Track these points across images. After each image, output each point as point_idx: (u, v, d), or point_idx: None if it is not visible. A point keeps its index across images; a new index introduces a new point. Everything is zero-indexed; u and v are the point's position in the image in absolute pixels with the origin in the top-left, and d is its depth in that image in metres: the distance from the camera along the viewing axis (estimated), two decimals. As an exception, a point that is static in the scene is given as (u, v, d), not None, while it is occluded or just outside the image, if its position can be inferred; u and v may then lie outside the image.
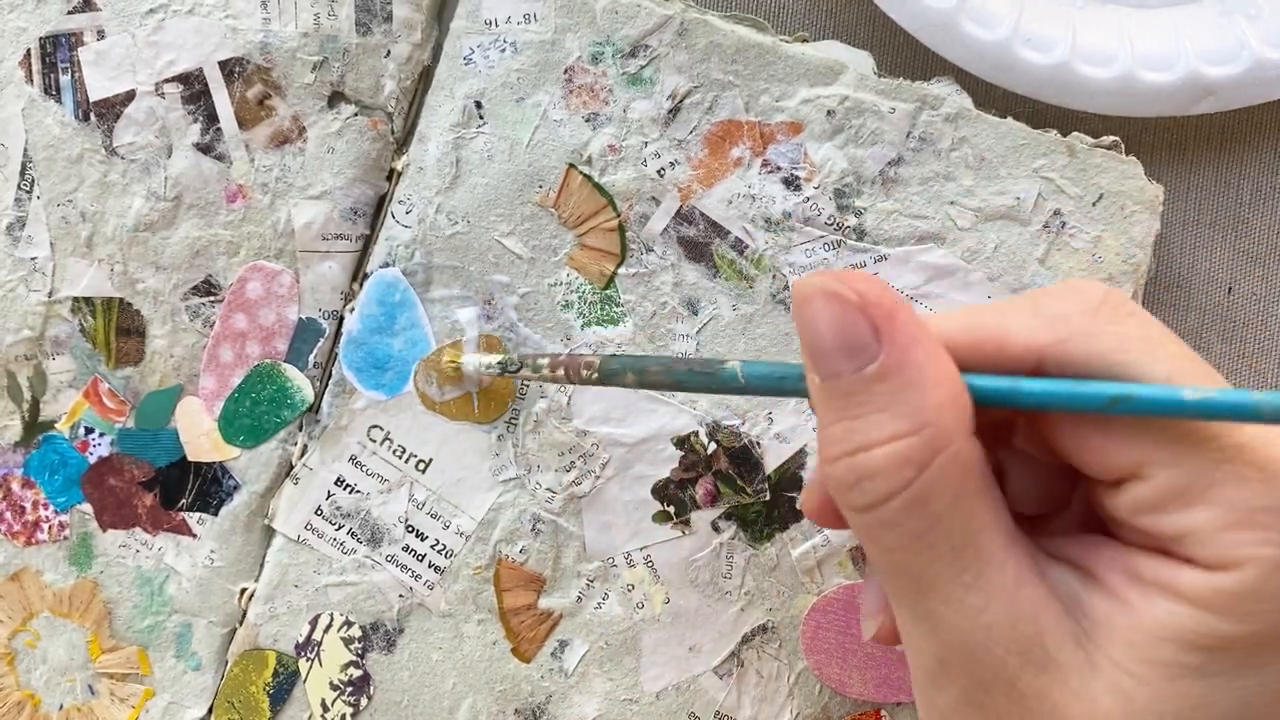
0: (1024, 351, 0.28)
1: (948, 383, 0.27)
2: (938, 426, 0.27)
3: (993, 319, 0.29)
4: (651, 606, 0.44)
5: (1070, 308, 0.28)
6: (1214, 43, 0.43)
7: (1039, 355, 0.28)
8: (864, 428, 0.28)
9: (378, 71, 0.44)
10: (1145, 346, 0.27)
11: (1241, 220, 0.46)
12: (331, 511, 0.45)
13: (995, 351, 0.29)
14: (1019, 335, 0.28)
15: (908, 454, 0.27)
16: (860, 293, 0.28)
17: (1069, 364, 0.28)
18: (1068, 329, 0.28)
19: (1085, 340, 0.28)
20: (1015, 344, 0.28)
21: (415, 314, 0.44)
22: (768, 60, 0.43)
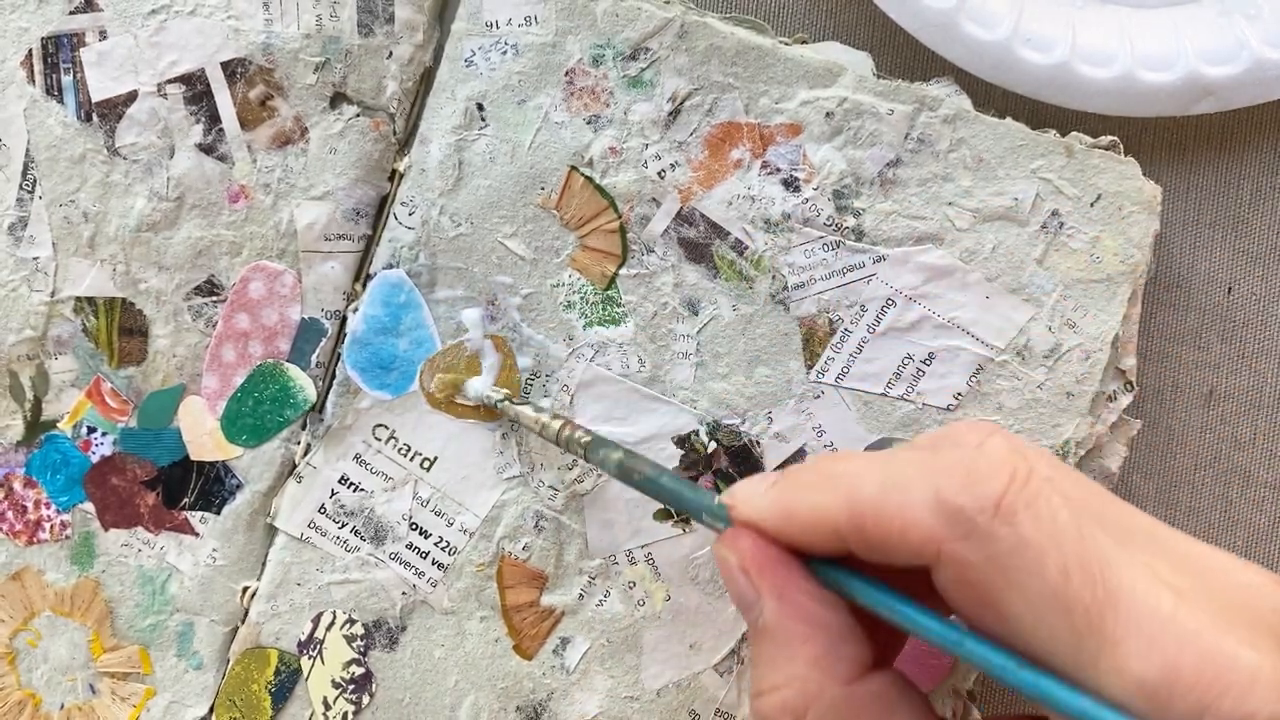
0: (922, 544, 0.28)
1: (821, 634, 0.30)
2: (807, 680, 0.30)
3: (897, 502, 0.29)
4: (652, 604, 0.44)
5: (970, 501, 0.28)
6: (1214, 43, 0.43)
7: (936, 551, 0.28)
8: (758, 674, 0.31)
9: (380, 73, 0.44)
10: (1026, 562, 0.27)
11: (1241, 220, 0.46)
12: (335, 509, 0.45)
13: (899, 537, 0.29)
14: (920, 527, 0.28)
15: (782, 704, 0.30)
16: (739, 554, 0.32)
17: (961, 565, 0.28)
18: (964, 529, 0.28)
19: (980, 542, 0.28)
20: (916, 533, 0.28)
21: (420, 315, 0.44)
22: (767, 62, 0.43)
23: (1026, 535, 0.27)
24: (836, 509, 0.30)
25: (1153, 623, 0.26)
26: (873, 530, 0.29)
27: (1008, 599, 0.27)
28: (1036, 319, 0.42)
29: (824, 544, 0.31)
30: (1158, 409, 0.46)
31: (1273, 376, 0.46)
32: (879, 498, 0.29)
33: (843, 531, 0.30)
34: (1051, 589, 0.27)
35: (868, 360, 0.43)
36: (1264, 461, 0.46)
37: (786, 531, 0.31)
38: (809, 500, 0.31)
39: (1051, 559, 0.27)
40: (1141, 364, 0.45)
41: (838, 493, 0.30)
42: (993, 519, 0.28)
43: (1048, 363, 0.42)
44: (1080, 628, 0.27)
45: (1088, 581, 0.27)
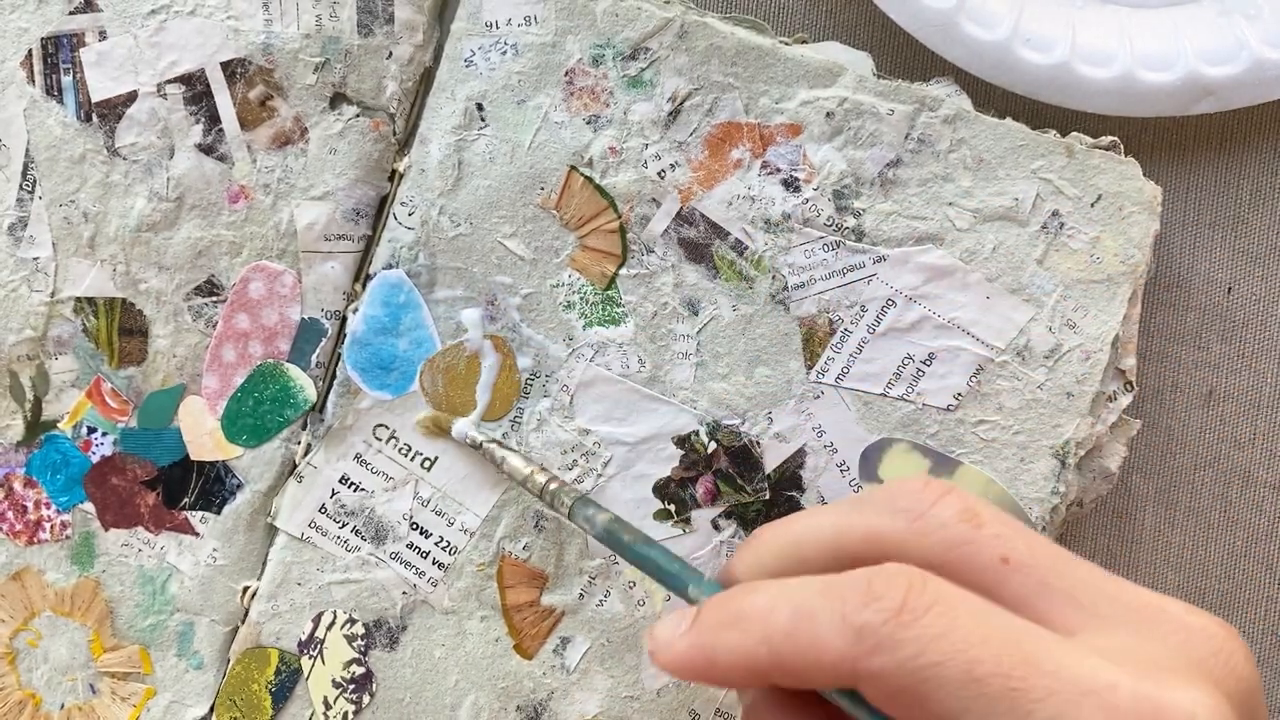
0: (836, 665, 0.28)
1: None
2: None
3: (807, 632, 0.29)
4: (653, 604, 0.44)
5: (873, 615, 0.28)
6: (1213, 43, 0.43)
7: (851, 671, 0.28)
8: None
9: (379, 73, 0.44)
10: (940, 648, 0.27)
11: (1241, 220, 0.46)
12: (335, 509, 0.45)
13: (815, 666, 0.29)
14: (832, 652, 0.28)
15: None
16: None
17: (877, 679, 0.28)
18: (871, 643, 0.28)
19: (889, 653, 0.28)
20: (828, 660, 0.28)
21: (420, 315, 0.44)
22: (767, 62, 0.43)
23: (934, 633, 0.27)
24: (754, 649, 0.30)
25: (1076, 690, 0.26)
26: (791, 663, 0.29)
27: (929, 701, 0.27)
28: (1037, 319, 0.42)
29: (746, 681, 0.31)
30: (1158, 409, 0.46)
31: (1273, 376, 0.46)
32: (791, 630, 0.29)
33: (764, 669, 0.30)
34: (966, 676, 0.27)
35: (868, 360, 0.43)
36: (1264, 461, 0.46)
37: (712, 675, 0.31)
38: (727, 643, 0.31)
39: (961, 653, 0.27)
40: (1141, 364, 0.45)
41: (753, 633, 0.30)
42: (896, 627, 0.28)
43: (1048, 363, 0.42)
44: (1004, 707, 0.26)
45: (1003, 665, 0.27)
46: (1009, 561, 0.30)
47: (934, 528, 0.30)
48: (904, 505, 0.31)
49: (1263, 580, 0.46)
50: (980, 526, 0.30)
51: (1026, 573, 0.30)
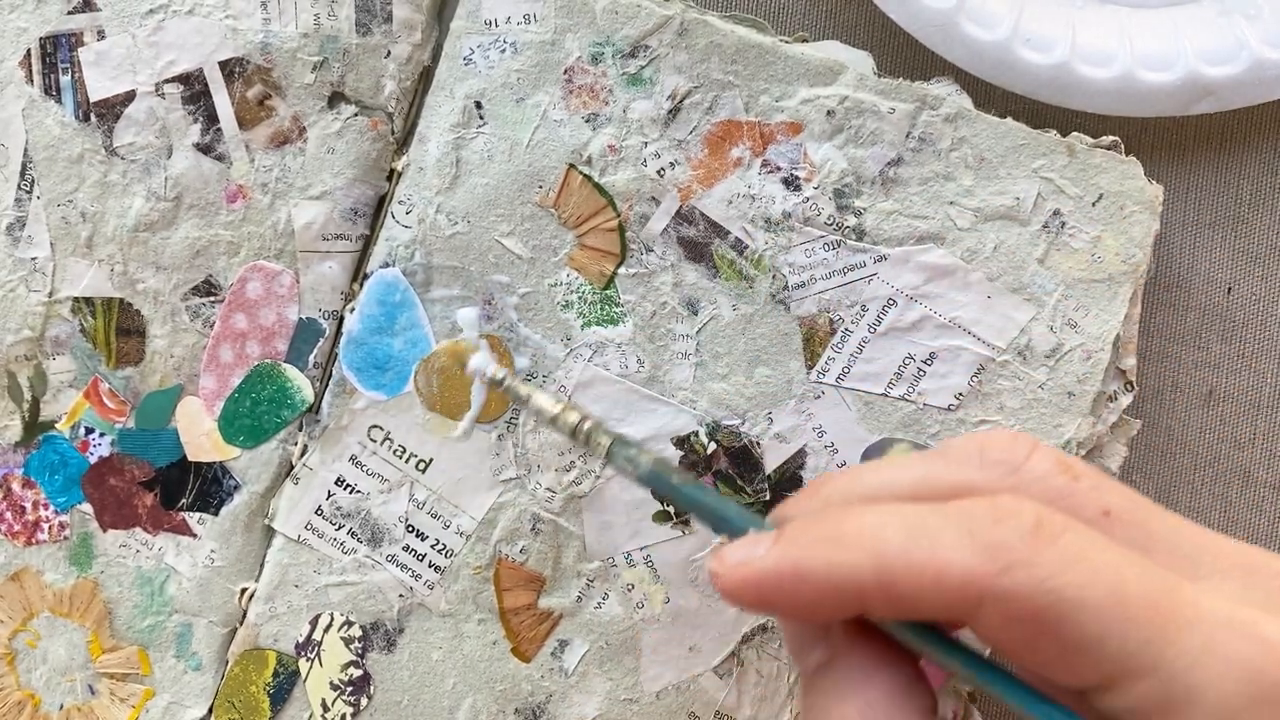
0: (962, 585, 0.27)
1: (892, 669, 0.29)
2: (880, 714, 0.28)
3: (927, 548, 0.27)
4: (651, 606, 0.44)
5: (1006, 533, 0.27)
6: (1213, 43, 0.43)
7: (978, 591, 0.27)
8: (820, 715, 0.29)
9: (378, 72, 0.44)
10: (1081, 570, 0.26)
11: (1241, 220, 0.46)
12: (332, 511, 0.45)
13: (934, 586, 0.27)
14: (956, 569, 0.27)
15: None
16: None
17: (1010, 599, 0.27)
18: (1005, 561, 0.27)
19: (1026, 570, 0.26)
20: (953, 578, 0.27)
21: (415, 314, 0.44)
22: (768, 60, 0.43)
23: (1073, 554, 0.26)
24: (860, 565, 0.28)
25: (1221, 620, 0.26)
26: (904, 583, 0.27)
27: (1066, 623, 0.26)
28: (1038, 319, 0.42)
29: (835, 607, 0.28)
30: (1158, 409, 0.46)
31: (1273, 376, 0.46)
32: (906, 545, 0.27)
33: (867, 589, 0.28)
34: (1112, 598, 0.26)
35: (868, 360, 0.43)
36: (1264, 461, 0.46)
37: (798, 595, 0.28)
38: (824, 557, 0.28)
39: (1106, 575, 0.26)
40: (1141, 364, 0.45)
41: (859, 548, 0.28)
42: (1036, 545, 0.27)
43: (1049, 362, 0.42)
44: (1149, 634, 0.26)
45: (1147, 590, 0.26)
46: (1110, 514, 0.29)
47: (1032, 480, 0.29)
48: (997, 458, 0.30)
49: (1264, 581, 0.46)
50: (1078, 479, 0.29)
51: (1128, 524, 0.28)
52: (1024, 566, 0.26)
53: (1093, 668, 0.26)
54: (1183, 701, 0.25)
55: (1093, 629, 0.26)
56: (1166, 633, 0.26)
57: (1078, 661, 0.26)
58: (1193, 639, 0.25)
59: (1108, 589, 0.26)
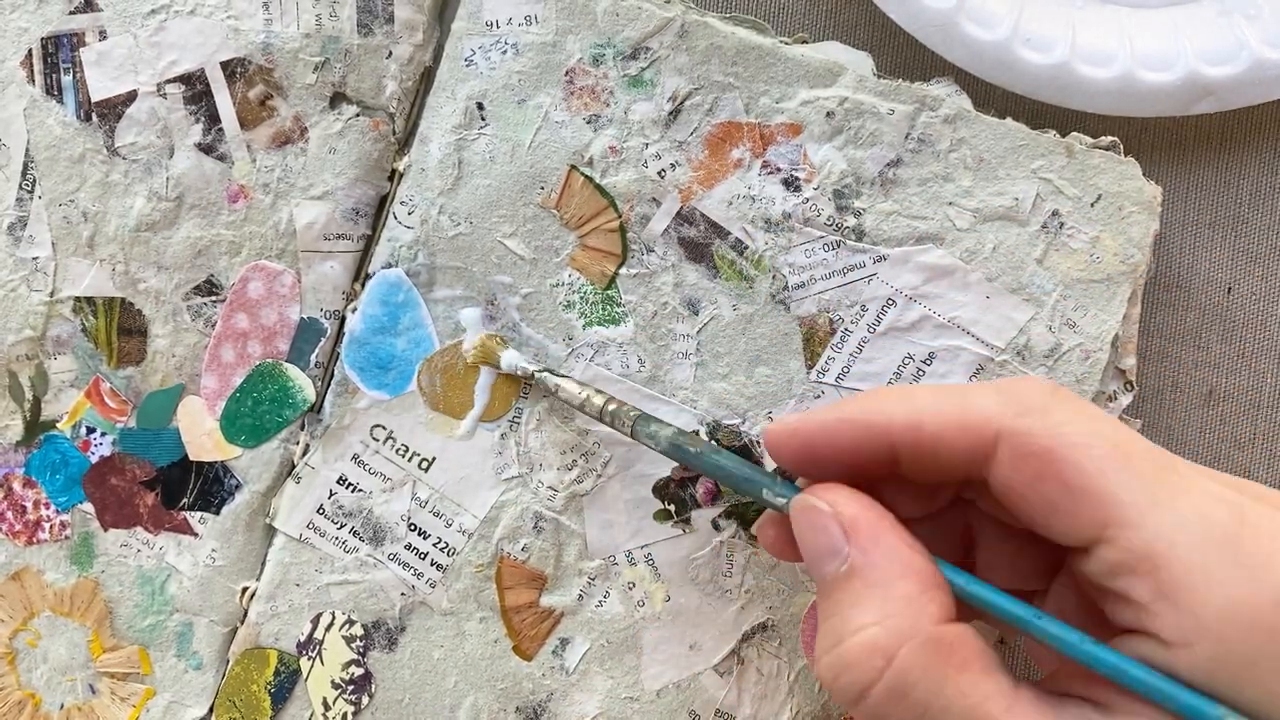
0: (982, 422, 0.30)
1: (913, 575, 0.30)
2: (901, 616, 0.29)
3: (957, 398, 0.31)
4: (652, 604, 0.44)
5: (1027, 389, 0.30)
6: (1213, 43, 0.43)
7: (996, 429, 0.29)
8: (839, 623, 0.30)
9: (379, 72, 0.44)
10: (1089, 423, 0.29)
11: (1241, 220, 0.46)
12: (334, 510, 0.45)
13: (958, 424, 0.30)
14: (979, 410, 0.30)
15: (873, 643, 0.29)
16: (831, 502, 0.31)
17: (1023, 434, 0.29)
18: (1022, 405, 0.29)
19: (1041, 415, 0.29)
20: (975, 416, 0.30)
21: (419, 314, 0.44)
22: (768, 62, 0.43)
23: (1086, 413, 0.29)
24: (892, 410, 0.31)
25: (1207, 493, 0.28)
26: (930, 425, 0.30)
27: (1069, 464, 0.28)
28: (1037, 319, 0.42)
29: (872, 456, 0.31)
30: (1158, 409, 0.46)
31: (1272, 376, 0.46)
32: (938, 397, 0.31)
33: (896, 432, 0.31)
34: (1114, 450, 0.28)
35: (868, 360, 0.43)
36: (1264, 461, 0.46)
37: (839, 435, 0.32)
38: (861, 404, 0.32)
39: (1106, 423, 0.29)
40: (1141, 364, 0.45)
41: (892, 399, 0.31)
42: (1051, 400, 0.29)
43: (1048, 362, 0.42)
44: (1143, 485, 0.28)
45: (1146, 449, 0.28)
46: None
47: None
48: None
49: (1263, 580, 0.46)
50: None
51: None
52: (1039, 412, 0.29)
53: (1087, 514, 0.28)
54: (1159, 556, 0.27)
55: (1092, 473, 0.28)
56: (1158, 490, 0.28)
57: (1073, 504, 0.28)
58: (1182, 502, 0.28)
59: (1111, 443, 0.28)
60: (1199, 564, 0.27)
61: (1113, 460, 0.28)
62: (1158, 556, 0.27)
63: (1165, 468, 0.28)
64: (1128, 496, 0.28)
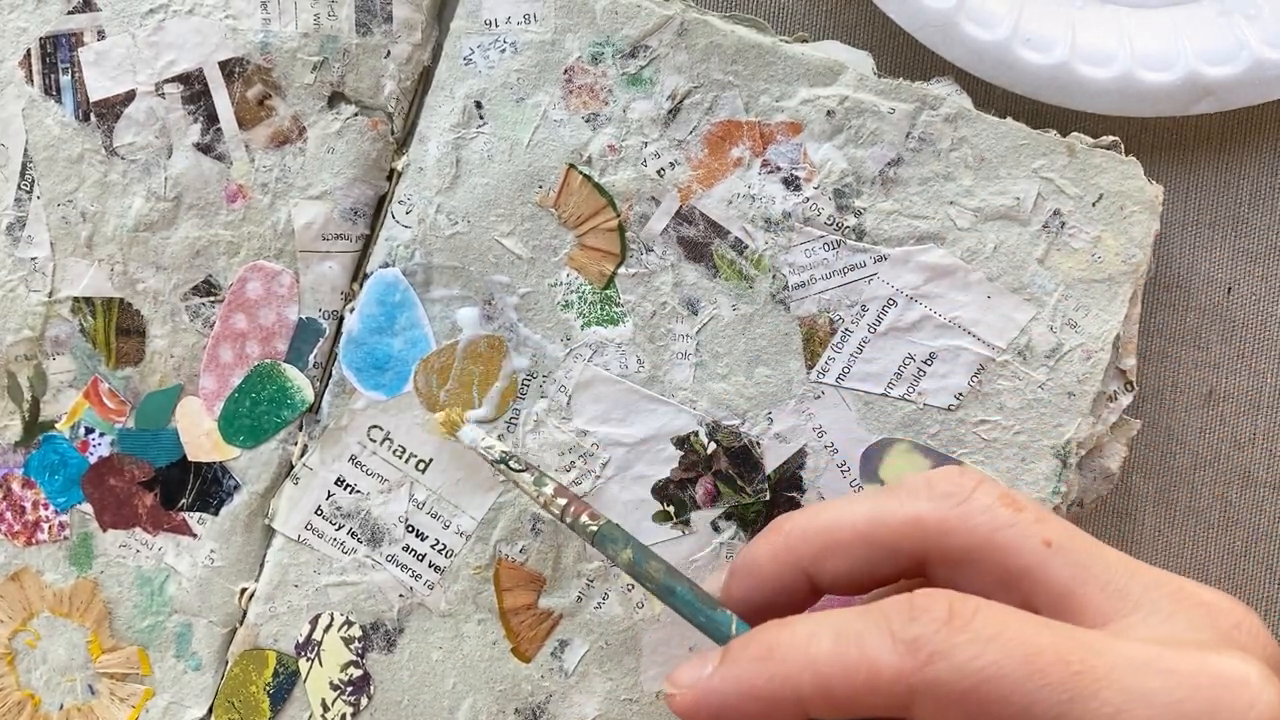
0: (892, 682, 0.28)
1: None
2: None
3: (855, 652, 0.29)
4: (651, 606, 0.44)
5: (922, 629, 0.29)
6: (1213, 43, 0.43)
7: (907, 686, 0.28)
8: None
9: (378, 72, 0.44)
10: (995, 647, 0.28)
11: (1241, 220, 0.46)
12: (332, 511, 0.45)
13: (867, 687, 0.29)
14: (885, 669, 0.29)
15: None
16: None
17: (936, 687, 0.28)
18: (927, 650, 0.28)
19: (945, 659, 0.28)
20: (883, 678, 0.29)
21: (415, 314, 0.44)
22: (767, 60, 0.43)
23: (988, 634, 0.28)
24: (797, 676, 0.30)
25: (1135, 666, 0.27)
26: (840, 687, 0.29)
27: (992, 702, 0.27)
28: (1038, 319, 0.42)
29: (787, 717, 0.30)
30: (1158, 409, 0.46)
31: (1273, 376, 0.46)
32: (837, 652, 0.29)
33: (807, 698, 0.29)
34: (1027, 666, 0.27)
35: (868, 360, 0.43)
36: (1264, 461, 0.46)
37: (746, 712, 0.31)
38: (766, 672, 0.30)
39: (1020, 647, 0.28)
40: (1141, 364, 0.45)
41: (794, 660, 0.30)
42: (950, 632, 0.28)
43: (1049, 362, 0.42)
44: (1069, 694, 0.27)
45: (1061, 652, 0.28)
46: (1050, 544, 0.30)
47: (977, 510, 0.31)
48: (944, 490, 0.32)
49: (1263, 580, 0.46)
50: (1021, 510, 0.31)
51: (1066, 555, 0.30)
52: (943, 656, 0.28)
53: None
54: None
55: (1017, 701, 0.27)
56: (1084, 689, 0.27)
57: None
58: (1110, 690, 0.27)
59: (1023, 658, 0.27)
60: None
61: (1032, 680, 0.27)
62: None
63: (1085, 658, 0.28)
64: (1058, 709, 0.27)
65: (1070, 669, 0.27)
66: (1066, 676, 0.27)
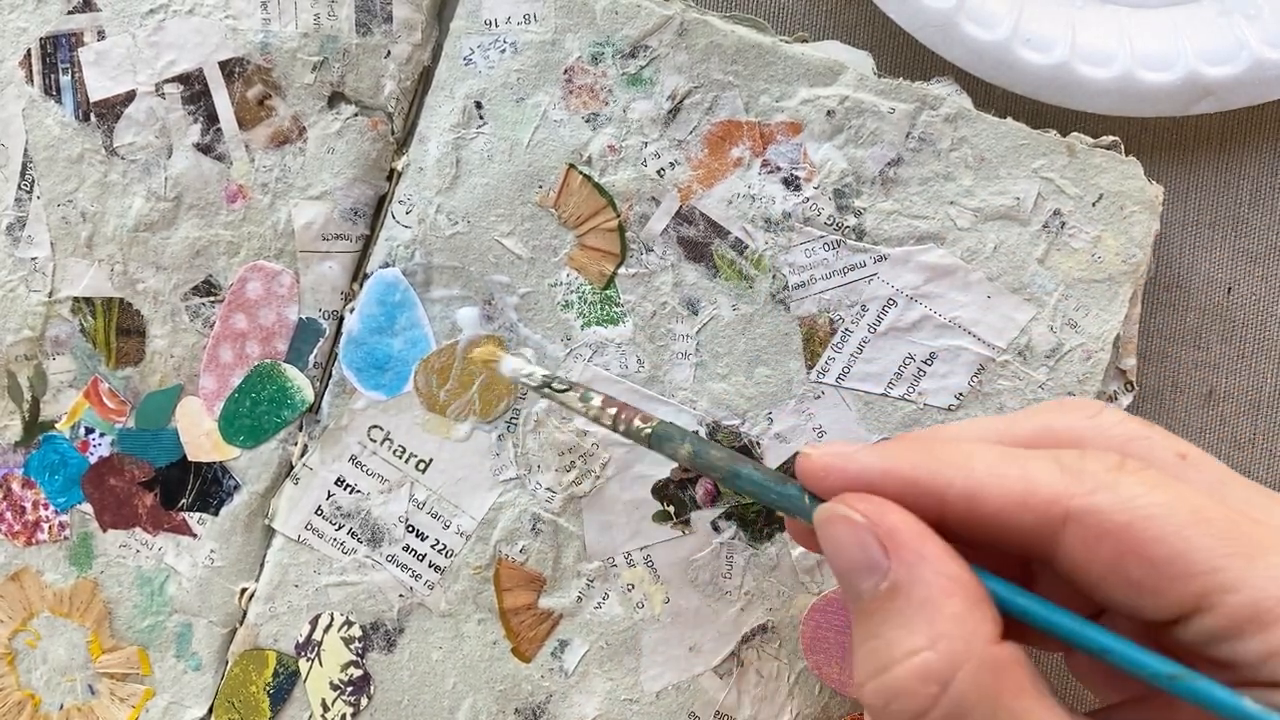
0: (1049, 502, 0.28)
1: (962, 592, 0.28)
2: (954, 638, 0.27)
3: (1018, 471, 0.28)
4: (651, 606, 0.44)
5: (1093, 461, 0.28)
6: (1213, 43, 0.43)
7: (1064, 509, 0.27)
8: (884, 646, 0.28)
9: (378, 72, 0.44)
10: (1163, 493, 0.27)
11: (1241, 220, 0.46)
12: (332, 511, 0.45)
13: (1020, 503, 0.28)
14: (1044, 488, 0.28)
15: (926, 669, 0.27)
16: (865, 513, 0.29)
17: (1097, 514, 0.27)
18: (1093, 482, 0.27)
19: (1111, 491, 0.27)
20: (1040, 495, 0.28)
21: (415, 314, 0.44)
22: (767, 60, 0.43)
23: (1156, 482, 0.27)
24: (950, 477, 0.29)
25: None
26: (991, 498, 0.28)
27: (1152, 540, 0.26)
28: (1038, 319, 0.42)
29: (918, 512, 0.29)
30: (1158, 409, 0.46)
31: (1273, 376, 0.46)
32: (998, 464, 0.28)
33: (952, 496, 0.28)
34: (1195, 517, 0.26)
35: (868, 360, 0.43)
36: (1264, 461, 0.46)
37: (882, 488, 0.29)
38: (918, 461, 0.29)
39: (1187, 500, 0.27)
40: (1141, 364, 0.45)
41: (952, 460, 0.29)
42: (1119, 472, 0.27)
43: (1049, 362, 0.42)
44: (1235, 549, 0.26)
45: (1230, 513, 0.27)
46: (1186, 457, 0.29)
47: (1110, 424, 0.30)
48: (1076, 405, 0.31)
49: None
50: (1152, 427, 0.30)
51: (1204, 469, 0.29)
52: (1109, 488, 0.27)
53: (1179, 586, 0.27)
54: (1271, 614, 0.26)
55: (1178, 544, 0.26)
56: (1250, 549, 0.26)
57: (1163, 580, 0.27)
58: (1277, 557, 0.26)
59: (1191, 510, 0.27)
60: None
61: (1197, 528, 0.26)
62: (1265, 615, 0.26)
63: (1252, 526, 0.27)
64: (1221, 562, 0.26)
65: (1239, 526, 0.26)
66: (1233, 532, 0.26)
